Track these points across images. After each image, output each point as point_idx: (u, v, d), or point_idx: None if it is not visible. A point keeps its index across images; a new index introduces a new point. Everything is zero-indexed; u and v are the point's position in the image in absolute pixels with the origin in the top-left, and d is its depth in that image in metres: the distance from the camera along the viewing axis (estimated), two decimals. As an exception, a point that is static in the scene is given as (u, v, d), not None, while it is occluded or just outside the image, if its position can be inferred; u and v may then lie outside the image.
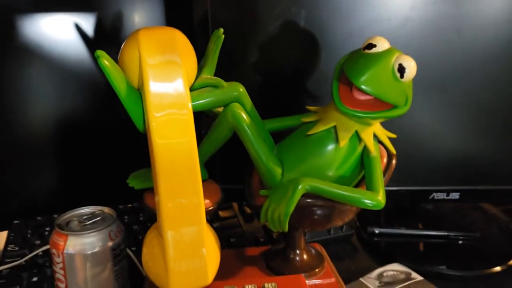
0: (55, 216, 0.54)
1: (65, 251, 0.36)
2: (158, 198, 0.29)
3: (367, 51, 0.32)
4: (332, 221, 0.36)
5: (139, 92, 0.30)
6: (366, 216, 0.59)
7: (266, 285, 0.34)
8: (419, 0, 0.46)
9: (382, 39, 0.32)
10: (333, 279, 0.39)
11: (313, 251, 0.41)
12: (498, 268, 0.50)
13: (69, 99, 0.54)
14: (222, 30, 0.35)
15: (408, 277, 0.48)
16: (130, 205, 0.58)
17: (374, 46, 0.32)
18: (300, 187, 0.31)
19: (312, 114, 0.37)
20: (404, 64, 0.31)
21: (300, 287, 0.35)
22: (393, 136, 0.37)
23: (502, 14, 0.47)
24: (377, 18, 0.46)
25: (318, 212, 0.35)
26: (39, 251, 0.47)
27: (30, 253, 0.47)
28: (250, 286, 0.34)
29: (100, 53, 0.28)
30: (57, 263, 0.36)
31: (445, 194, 0.54)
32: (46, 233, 0.51)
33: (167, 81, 0.28)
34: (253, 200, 0.38)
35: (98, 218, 0.39)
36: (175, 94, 0.29)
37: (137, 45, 0.29)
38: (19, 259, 0.46)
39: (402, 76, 0.31)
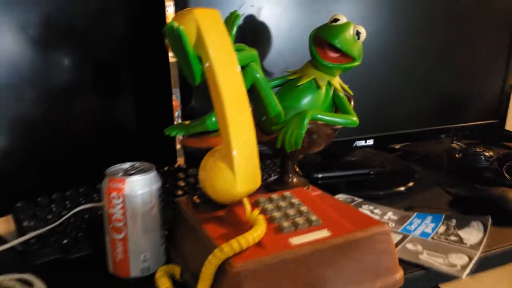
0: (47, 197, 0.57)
1: (125, 192, 0.43)
2: (224, 117, 0.40)
3: (334, 23, 0.48)
4: (315, 145, 0.51)
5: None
6: (308, 165, 0.75)
7: (284, 193, 0.47)
8: None
9: (342, 15, 0.49)
10: (319, 191, 0.53)
11: (299, 174, 0.55)
12: (402, 188, 0.71)
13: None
14: (237, 10, 0.47)
15: (353, 200, 0.66)
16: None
17: (338, 20, 0.48)
18: (308, 115, 0.46)
19: (293, 74, 0.52)
20: (360, 30, 0.48)
21: (306, 194, 0.49)
22: (346, 86, 0.54)
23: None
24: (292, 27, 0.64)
25: (310, 136, 0.49)
26: (72, 212, 0.53)
27: (45, 226, 0.51)
28: (274, 195, 0.47)
29: (174, 23, 0.38)
30: (116, 204, 0.43)
31: (363, 141, 0.74)
32: (54, 209, 0.54)
33: (224, 47, 0.40)
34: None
35: (140, 168, 0.46)
36: (230, 60, 0.41)
37: (195, 22, 0.39)
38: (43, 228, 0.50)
39: (359, 38, 0.48)
